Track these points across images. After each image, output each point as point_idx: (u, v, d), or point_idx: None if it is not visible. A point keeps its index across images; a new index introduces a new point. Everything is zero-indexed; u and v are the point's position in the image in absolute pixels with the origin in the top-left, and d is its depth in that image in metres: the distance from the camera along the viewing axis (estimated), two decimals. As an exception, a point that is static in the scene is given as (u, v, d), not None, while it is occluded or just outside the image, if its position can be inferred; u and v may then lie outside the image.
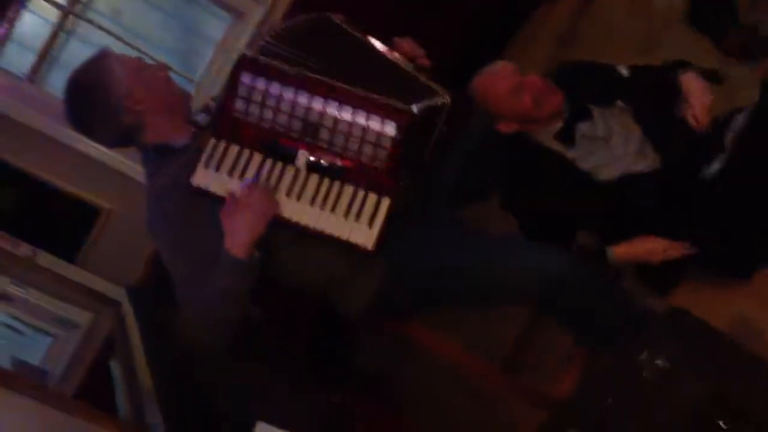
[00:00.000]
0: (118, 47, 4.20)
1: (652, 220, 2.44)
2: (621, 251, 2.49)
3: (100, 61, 2.20)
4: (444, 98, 2.09)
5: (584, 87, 2.56)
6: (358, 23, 2.25)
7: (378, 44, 2.19)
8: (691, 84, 2.49)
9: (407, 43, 2.26)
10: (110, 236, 4.18)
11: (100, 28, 4.20)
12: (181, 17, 4.46)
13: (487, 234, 2.48)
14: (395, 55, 2.18)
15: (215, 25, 4.41)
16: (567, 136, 2.53)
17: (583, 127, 2.52)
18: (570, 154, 2.53)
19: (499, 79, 2.51)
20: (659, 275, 2.52)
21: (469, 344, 3.05)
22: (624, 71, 2.59)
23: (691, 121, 2.45)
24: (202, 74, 4.35)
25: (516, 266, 2.26)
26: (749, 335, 2.37)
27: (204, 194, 2.06)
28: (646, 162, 2.50)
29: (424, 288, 2.30)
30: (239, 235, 2.00)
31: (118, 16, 4.27)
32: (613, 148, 2.51)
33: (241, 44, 4.22)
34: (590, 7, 4.12)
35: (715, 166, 2.39)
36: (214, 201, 2.05)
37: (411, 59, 2.21)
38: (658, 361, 1.86)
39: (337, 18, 2.22)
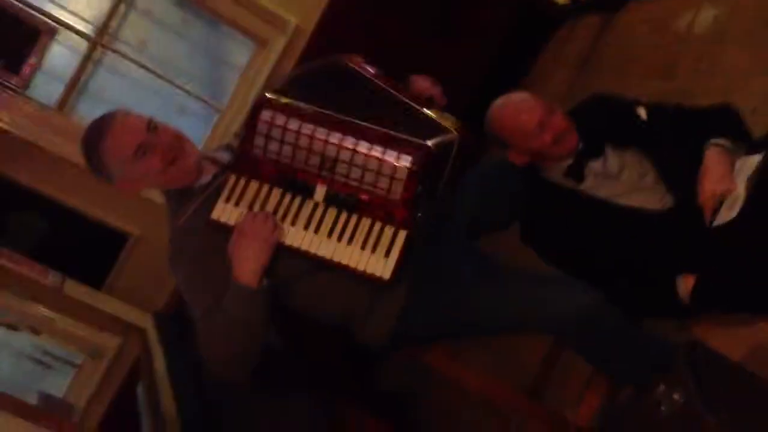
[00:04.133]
0: (145, 77, 4.30)
1: (666, 258, 2.40)
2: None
3: (99, 144, 2.13)
4: (454, 134, 2.10)
5: (603, 124, 2.55)
6: (376, 61, 2.27)
7: (390, 85, 2.19)
8: (711, 165, 2.32)
9: (424, 81, 2.28)
10: (138, 262, 4.25)
11: (127, 58, 4.30)
12: (206, 46, 4.54)
13: (507, 266, 2.47)
14: (407, 96, 2.18)
15: (240, 53, 4.49)
16: (577, 173, 2.52)
17: (594, 165, 2.51)
18: (581, 188, 2.53)
19: (521, 113, 2.46)
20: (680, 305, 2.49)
21: (491, 368, 3.06)
22: (642, 113, 2.54)
23: (699, 201, 2.31)
24: (228, 102, 4.42)
25: (537, 303, 2.25)
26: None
27: (223, 228, 2.10)
28: (659, 200, 2.48)
29: (442, 320, 2.31)
30: (245, 263, 2.04)
31: (145, 47, 4.36)
32: (625, 184, 2.50)
33: (265, 72, 4.29)
34: (610, 31, 4.13)
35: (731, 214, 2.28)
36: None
37: (428, 97, 2.23)
38: (675, 395, 1.86)
39: (352, 61, 2.24)
